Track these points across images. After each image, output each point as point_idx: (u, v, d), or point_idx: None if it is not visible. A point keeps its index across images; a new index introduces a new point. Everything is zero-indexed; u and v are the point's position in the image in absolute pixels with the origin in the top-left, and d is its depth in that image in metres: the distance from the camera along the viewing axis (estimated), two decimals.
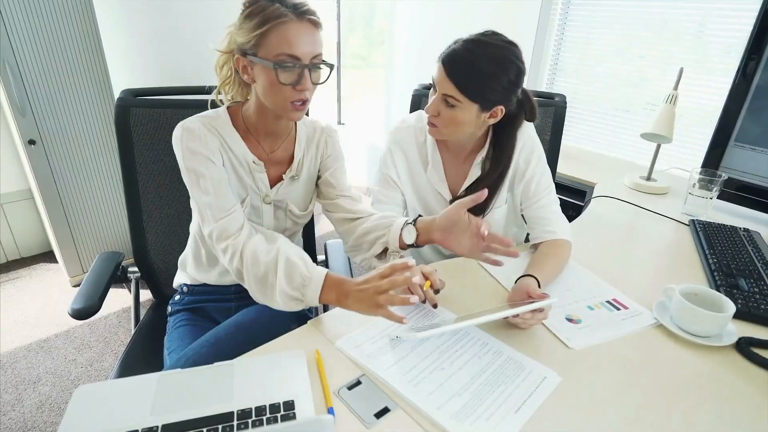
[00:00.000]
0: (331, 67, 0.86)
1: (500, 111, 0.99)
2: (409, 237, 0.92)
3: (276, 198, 1.00)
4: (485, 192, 0.83)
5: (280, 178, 0.98)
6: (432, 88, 1.00)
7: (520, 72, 0.95)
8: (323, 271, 0.79)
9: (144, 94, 1.09)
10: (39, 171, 1.93)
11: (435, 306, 0.88)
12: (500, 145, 1.07)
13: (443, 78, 0.94)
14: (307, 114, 1.08)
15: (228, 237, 0.85)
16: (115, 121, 1.05)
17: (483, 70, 0.92)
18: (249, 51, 0.81)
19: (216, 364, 0.71)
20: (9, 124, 2.00)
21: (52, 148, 1.93)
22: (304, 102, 0.85)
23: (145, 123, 1.06)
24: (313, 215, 1.20)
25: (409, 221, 0.93)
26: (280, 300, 0.79)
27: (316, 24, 0.82)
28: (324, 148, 1.04)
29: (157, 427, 0.59)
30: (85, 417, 0.61)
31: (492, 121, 1.01)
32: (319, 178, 1.06)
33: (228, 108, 0.94)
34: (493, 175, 1.08)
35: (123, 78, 2.10)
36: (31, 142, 1.87)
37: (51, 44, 1.80)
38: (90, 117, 1.99)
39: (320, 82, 0.87)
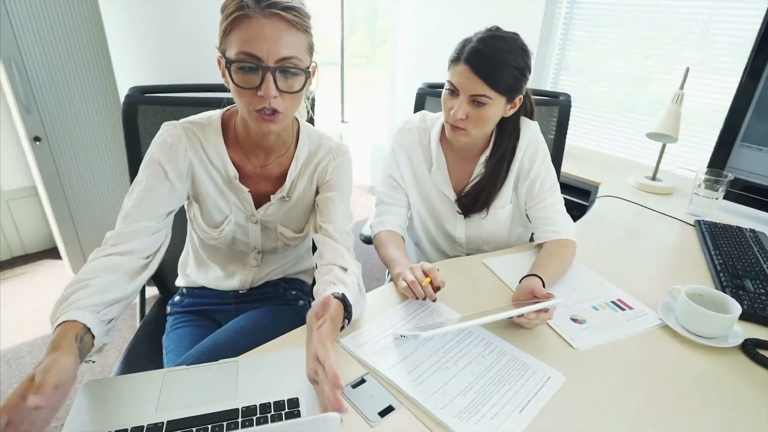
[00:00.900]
0: (308, 74, 0.76)
1: (519, 100, 1.01)
2: None
3: (263, 218, 0.93)
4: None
5: (270, 197, 0.91)
6: (449, 93, 0.98)
7: (530, 58, 0.97)
8: (68, 317, 0.62)
9: (151, 92, 1.09)
10: (44, 168, 1.94)
11: (434, 301, 0.88)
12: (501, 134, 1.07)
13: (470, 78, 0.93)
14: (312, 124, 0.98)
15: (103, 244, 0.76)
16: (123, 118, 1.05)
17: (508, 61, 0.93)
18: (220, 49, 0.74)
19: (221, 361, 0.72)
20: (14, 121, 2.01)
21: (57, 145, 1.94)
22: (274, 113, 0.74)
23: (153, 120, 1.06)
24: None
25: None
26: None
27: (290, 22, 0.71)
28: (323, 172, 0.91)
29: (162, 423, 0.59)
30: (90, 412, 0.61)
31: (512, 111, 1.02)
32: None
33: (225, 113, 0.88)
34: (497, 175, 1.08)
35: (127, 75, 2.11)
36: (37, 139, 1.88)
37: (56, 42, 1.80)
38: (95, 114, 2.00)
39: (292, 91, 0.75)
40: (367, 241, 1.19)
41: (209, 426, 0.59)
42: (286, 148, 0.90)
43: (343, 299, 0.74)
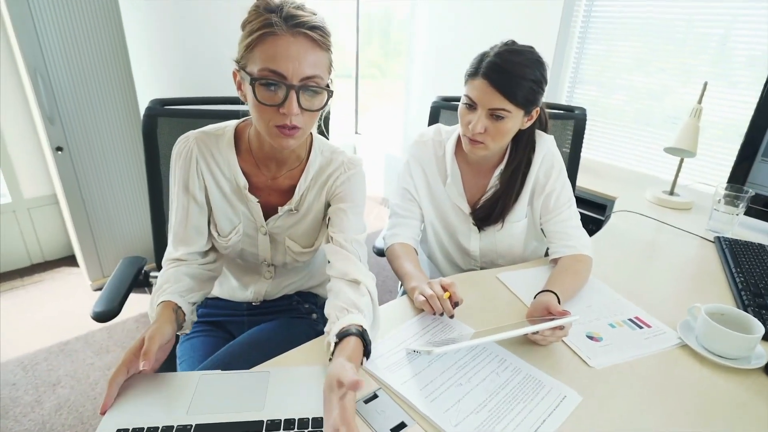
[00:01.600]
0: (330, 93, 0.77)
1: (536, 112, 1.01)
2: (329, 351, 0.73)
3: (272, 230, 0.93)
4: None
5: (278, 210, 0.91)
6: (467, 107, 0.98)
7: (545, 69, 0.98)
8: (164, 299, 0.78)
9: (171, 104, 1.11)
10: (65, 177, 1.99)
11: (451, 317, 0.86)
12: (515, 146, 1.07)
13: (489, 92, 0.93)
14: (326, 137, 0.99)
15: (171, 244, 0.89)
16: (143, 129, 1.07)
17: (526, 75, 0.93)
18: (240, 64, 0.75)
19: (253, 370, 0.73)
20: (38, 131, 2.08)
21: (78, 155, 1.99)
22: (294, 128, 0.75)
23: (172, 132, 1.08)
24: None
25: (335, 341, 0.71)
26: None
27: (315, 41, 0.72)
28: (332, 185, 0.90)
29: (191, 426, 0.61)
30: (130, 405, 0.64)
31: (529, 124, 1.02)
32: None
33: (239, 125, 0.90)
34: (512, 187, 1.07)
35: (147, 88, 2.16)
36: (59, 149, 1.93)
37: (80, 55, 1.86)
38: (115, 125, 2.05)
39: (314, 109, 0.76)
40: (380, 253, 1.19)
41: None
42: (299, 161, 0.90)
43: (362, 335, 0.71)
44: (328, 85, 0.77)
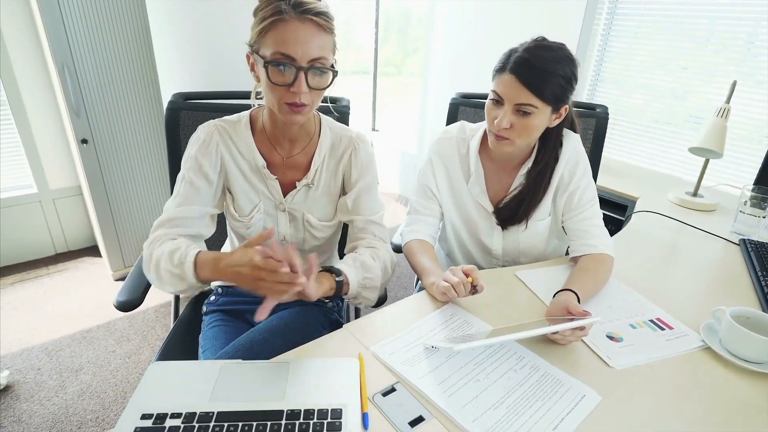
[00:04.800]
0: (335, 73, 0.83)
1: (564, 110, 1.00)
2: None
3: (290, 206, 0.98)
4: None
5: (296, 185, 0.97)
6: (493, 102, 0.98)
7: (576, 67, 0.96)
8: (196, 250, 0.81)
9: (193, 98, 1.13)
10: (89, 169, 2.03)
11: (472, 292, 0.89)
12: (543, 146, 1.06)
13: (516, 87, 0.93)
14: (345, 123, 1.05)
15: (161, 226, 0.89)
16: (166, 123, 1.10)
17: (555, 71, 0.92)
18: (253, 48, 0.81)
19: (274, 360, 0.74)
20: (65, 123, 2.13)
21: (102, 147, 2.03)
22: (302, 105, 0.82)
23: (194, 126, 1.10)
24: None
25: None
26: (167, 278, 0.82)
27: (320, 26, 0.78)
28: (347, 162, 0.98)
29: (213, 413, 0.63)
30: (155, 392, 0.66)
31: (557, 122, 1.01)
32: (344, 193, 1.01)
33: (252, 111, 0.97)
34: (538, 187, 1.06)
35: (170, 82, 2.19)
36: (84, 141, 1.97)
37: (106, 50, 1.90)
38: (139, 118, 2.09)
39: (321, 87, 0.83)
40: (397, 249, 1.19)
41: (254, 423, 0.61)
42: (309, 137, 0.96)
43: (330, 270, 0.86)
44: (332, 65, 0.83)
